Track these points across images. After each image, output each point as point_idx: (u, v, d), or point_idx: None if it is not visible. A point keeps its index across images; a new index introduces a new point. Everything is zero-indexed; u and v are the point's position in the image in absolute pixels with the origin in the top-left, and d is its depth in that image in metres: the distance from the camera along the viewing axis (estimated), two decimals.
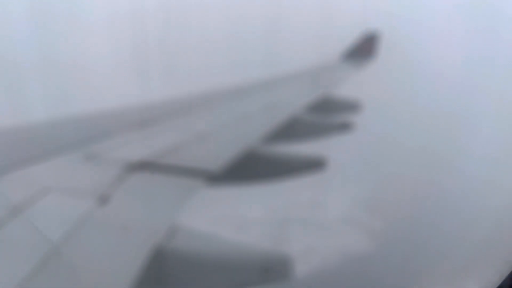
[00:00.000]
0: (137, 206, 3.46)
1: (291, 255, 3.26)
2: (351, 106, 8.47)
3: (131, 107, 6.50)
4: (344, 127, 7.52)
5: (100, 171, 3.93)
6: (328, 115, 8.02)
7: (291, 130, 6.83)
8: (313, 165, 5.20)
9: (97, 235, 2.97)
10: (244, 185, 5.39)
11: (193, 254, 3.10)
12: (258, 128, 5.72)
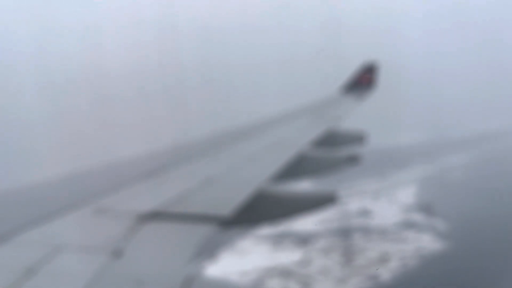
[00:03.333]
0: (151, 258, 3.24)
1: None
2: (356, 138, 8.19)
3: (138, 158, 6.32)
4: (352, 160, 7.20)
5: (111, 224, 3.72)
6: (334, 149, 7.69)
7: (300, 167, 6.49)
8: (325, 201, 4.89)
9: None
10: (257, 227, 5.07)
11: None
12: (267, 168, 5.43)
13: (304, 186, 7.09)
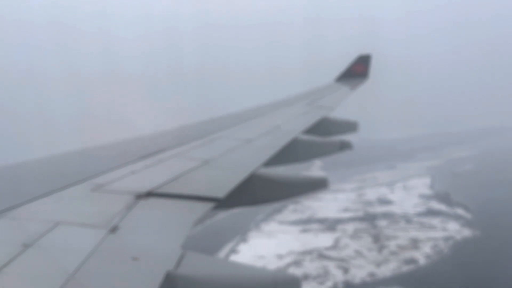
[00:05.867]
0: (147, 235, 3.48)
1: (299, 277, 3.20)
2: (349, 126, 8.80)
3: (136, 140, 6.71)
4: (345, 146, 7.81)
5: (108, 202, 4.03)
6: (328, 135, 8.30)
7: (293, 152, 7.06)
8: (317, 185, 5.32)
9: (107, 267, 2.92)
10: (251, 207, 5.43)
11: (203, 279, 3.03)
12: (262, 153, 5.89)
13: (296, 170, 7.51)
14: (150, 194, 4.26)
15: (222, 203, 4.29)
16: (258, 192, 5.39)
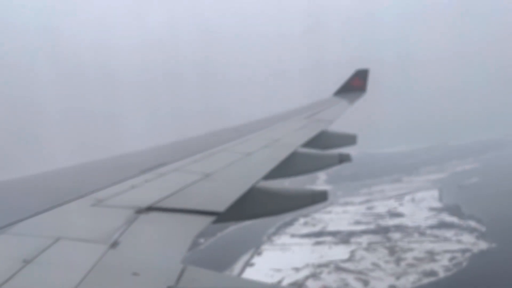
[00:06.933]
0: (147, 250, 3.45)
1: None
2: (348, 140, 8.75)
3: (136, 154, 6.70)
4: (344, 159, 7.79)
5: (108, 217, 4.03)
6: (327, 148, 8.27)
7: (293, 165, 7.10)
8: (317, 198, 5.34)
9: (107, 282, 2.89)
10: (253, 220, 5.36)
11: None
12: (262, 166, 5.91)
13: (296, 183, 7.56)
14: (150, 209, 4.24)
15: (222, 217, 4.28)
16: (259, 206, 5.38)
